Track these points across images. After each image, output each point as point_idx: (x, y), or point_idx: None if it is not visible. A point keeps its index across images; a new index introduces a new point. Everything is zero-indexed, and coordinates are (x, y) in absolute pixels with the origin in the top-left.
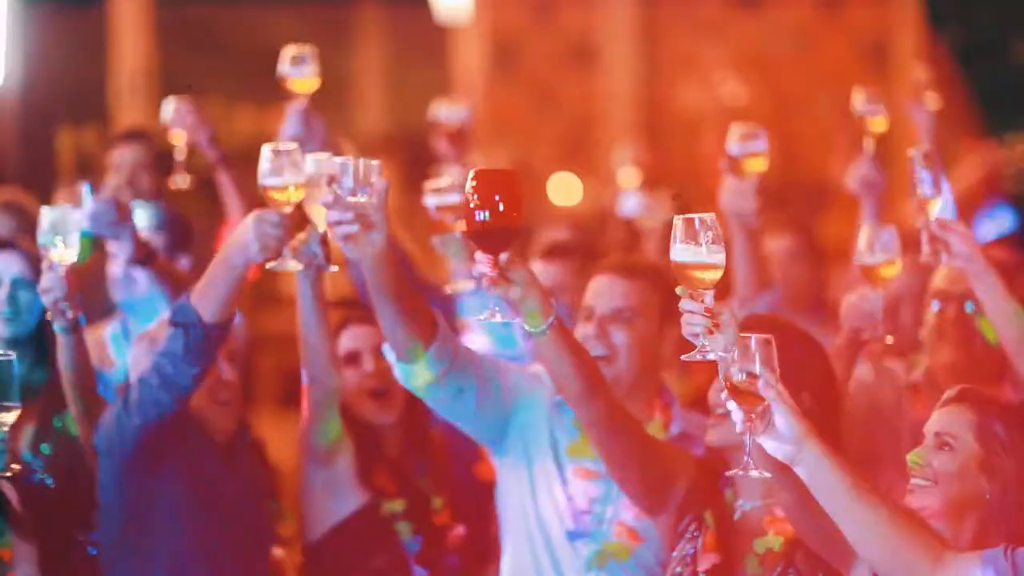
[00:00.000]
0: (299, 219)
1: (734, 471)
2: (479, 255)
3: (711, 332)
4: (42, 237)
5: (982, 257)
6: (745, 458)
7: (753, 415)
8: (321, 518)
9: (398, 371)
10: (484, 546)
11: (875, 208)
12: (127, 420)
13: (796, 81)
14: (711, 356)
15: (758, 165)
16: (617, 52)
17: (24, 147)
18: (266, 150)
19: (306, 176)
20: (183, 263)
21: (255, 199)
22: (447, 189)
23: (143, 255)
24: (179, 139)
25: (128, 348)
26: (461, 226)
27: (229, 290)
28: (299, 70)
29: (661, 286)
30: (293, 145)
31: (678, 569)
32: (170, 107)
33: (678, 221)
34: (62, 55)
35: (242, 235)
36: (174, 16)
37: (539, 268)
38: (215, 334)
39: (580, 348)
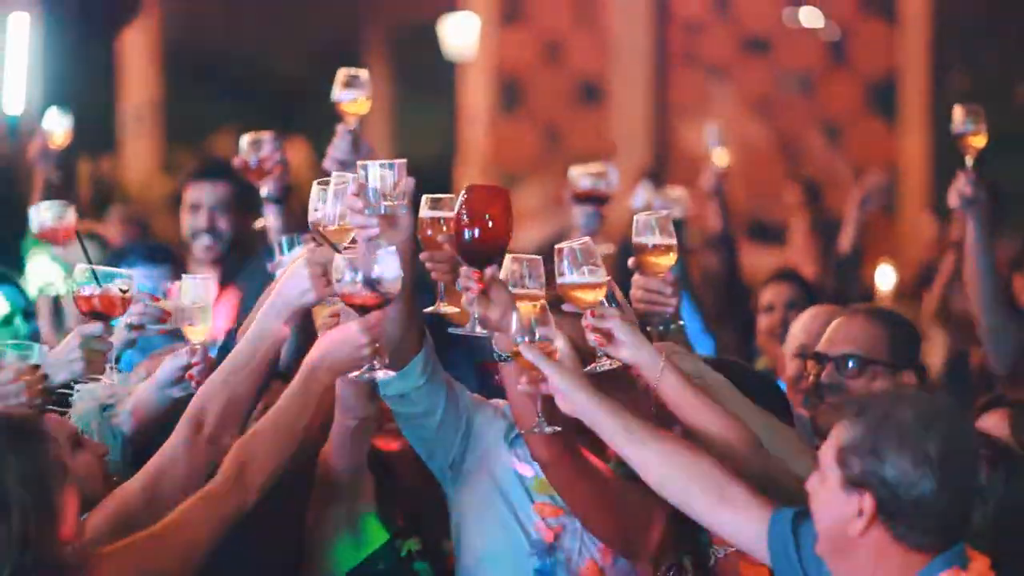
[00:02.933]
0: None
1: (527, 430)
2: (464, 269)
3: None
4: None
5: None
6: (538, 417)
7: (537, 378)
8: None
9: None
10: None
11: (981, 223)
12: None
13: (802, 123)
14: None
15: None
16: (625, 92)
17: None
18: (315, 186)
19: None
20: None
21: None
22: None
23: None
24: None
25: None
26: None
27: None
28: (351, 93)
29: None
30: (346, 177)
31: None
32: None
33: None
34: (75, 85)
35: (295, 280)
36: (182, 48)
37: None
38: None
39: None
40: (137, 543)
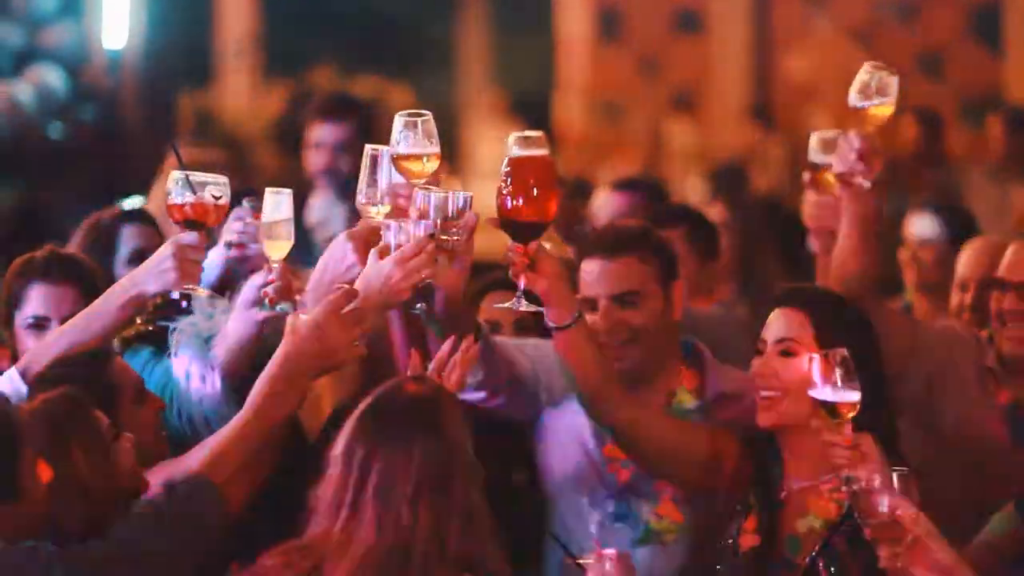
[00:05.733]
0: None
1: (503, 305)
2: (510, 243)
3: (853, 463)
4: None
5: None
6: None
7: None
8: None
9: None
10: None
11: None
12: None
13: (903, 51)
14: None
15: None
16: (725, 20)
17: (145, 110)
18: (398, 119)
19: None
20: None
21: None
22: None
23: None
24: None
25: None
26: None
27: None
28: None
29: (653, 252)
30: (427, 114)
31: (722, 548)
32: None
33: None
34: (174, 19)
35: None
36: None
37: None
38: None
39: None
40: None
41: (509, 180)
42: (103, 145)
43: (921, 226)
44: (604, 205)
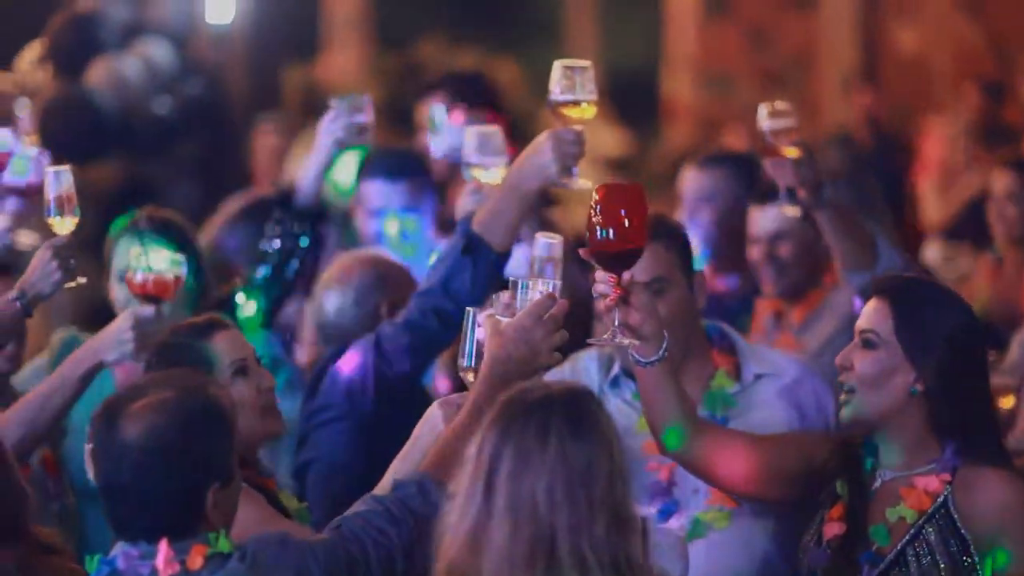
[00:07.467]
0: None
1: (600, 339)
2: (600, 274)
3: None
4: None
5: None
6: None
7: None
8: None
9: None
10: None
11: None
12: (387, 369)
13: (1018, 24)
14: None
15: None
16: None
17: (252, 82)
18: (558, 67)
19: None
20: None
21: None
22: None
23: None
24: None
25: None
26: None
27: (519, 217)
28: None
29: (675, 240)
30: (586, 63)
31: (809, 537)
32: None
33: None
34: None
35: (538, 156)
36: None
37: None
38: (502, 265)
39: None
40: None
41: (599, 209)
42: (209, 120)
43: (1005, 182)
44: (689, 183)
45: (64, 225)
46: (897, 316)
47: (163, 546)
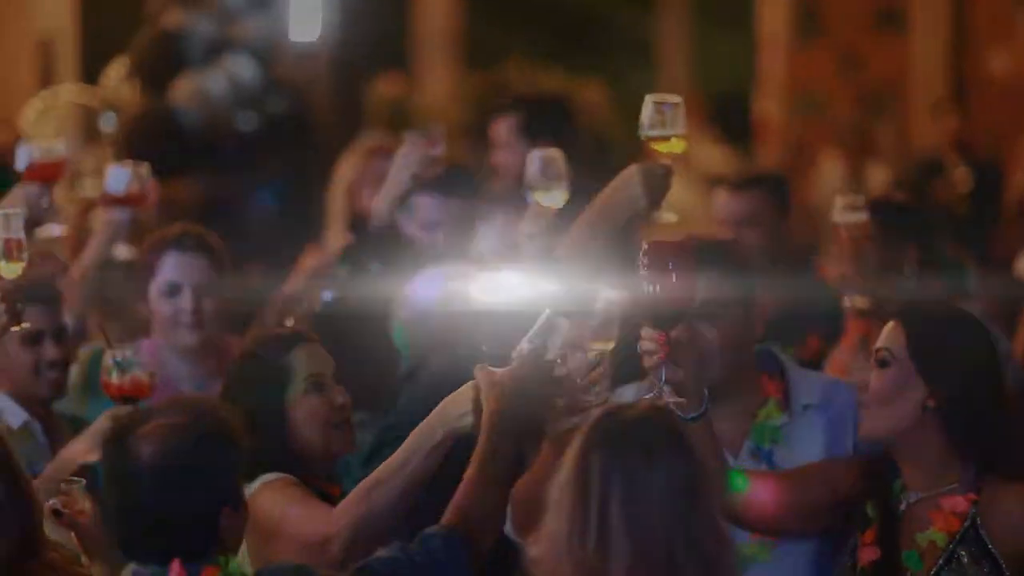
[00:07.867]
0: None
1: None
2: (647, 331)
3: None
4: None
5: None
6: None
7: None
8: None
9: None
10: None
11: None
12: None
13: None
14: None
15: None
16: (926, 16)
17: (337, 100)
18: (649, 101)
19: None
20: None
21: None
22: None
23: None
24: None
25: None
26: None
27: (604, 249)
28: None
29: (732, 266)
30: (677, 98)
31: (843, 561)
32: None
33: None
34: (369, 12)
35: (628, 190)
36: None
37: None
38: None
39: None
40: None
41: (647, 263)
42: (293, 137)
43: None
44: (723, 207)
45: (11, 269)
46: (910, 335)
47: (176, 568)
